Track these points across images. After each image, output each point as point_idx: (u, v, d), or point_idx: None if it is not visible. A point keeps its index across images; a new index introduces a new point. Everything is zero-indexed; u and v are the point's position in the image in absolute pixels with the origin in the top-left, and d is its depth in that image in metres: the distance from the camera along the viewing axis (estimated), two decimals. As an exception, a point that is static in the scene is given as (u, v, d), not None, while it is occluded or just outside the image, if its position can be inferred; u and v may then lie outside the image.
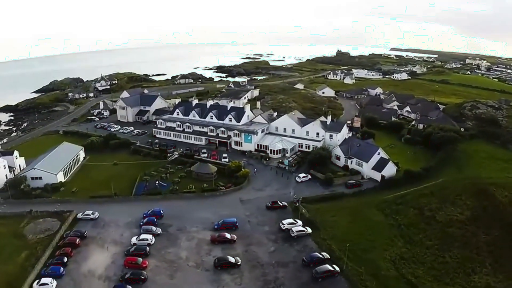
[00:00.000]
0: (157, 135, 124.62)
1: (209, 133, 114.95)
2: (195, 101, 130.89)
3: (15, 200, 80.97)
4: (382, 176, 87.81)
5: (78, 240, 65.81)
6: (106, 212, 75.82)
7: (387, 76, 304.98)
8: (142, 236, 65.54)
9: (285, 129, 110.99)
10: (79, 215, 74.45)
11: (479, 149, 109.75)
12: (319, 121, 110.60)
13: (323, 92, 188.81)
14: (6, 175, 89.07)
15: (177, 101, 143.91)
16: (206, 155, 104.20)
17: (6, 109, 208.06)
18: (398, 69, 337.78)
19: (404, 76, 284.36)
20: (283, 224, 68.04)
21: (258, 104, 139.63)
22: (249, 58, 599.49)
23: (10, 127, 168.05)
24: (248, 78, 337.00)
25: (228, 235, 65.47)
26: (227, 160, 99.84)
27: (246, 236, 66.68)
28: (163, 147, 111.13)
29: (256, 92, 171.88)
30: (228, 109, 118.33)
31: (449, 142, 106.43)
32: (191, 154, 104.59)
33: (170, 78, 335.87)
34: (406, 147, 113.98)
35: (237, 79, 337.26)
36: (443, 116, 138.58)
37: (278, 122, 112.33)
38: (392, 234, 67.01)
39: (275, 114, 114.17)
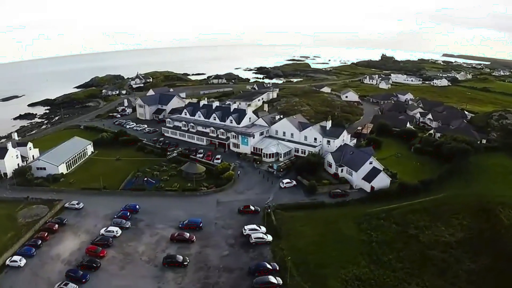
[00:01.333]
0: (165, 134, 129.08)
1: (210, 134, 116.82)
2: (202, 102, 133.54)
3: (19, 187, 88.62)
4: (372, 187, 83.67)
5: (56, 226, 71.40)
6: (90, 203, 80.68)
7: (427, 82, 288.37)
8: (110, 228, 69.19)
9: (284, 132, 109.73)
10: (66, 204, 79.99)
11: (497, 163, 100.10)
12: (319, 126, 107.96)
13: (346, 97, 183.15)
14: (18, 164, 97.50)
15: (195, 100, 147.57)
16: (202, 155, 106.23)
17: (45, 102, 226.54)
18: (440, 75, 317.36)
19: (444, 82, 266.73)
20: (244, 229, 67.53)
21: (265, 106, 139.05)
22: (293, 60, 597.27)
23: (43, 120, 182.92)
24: (284, 80, 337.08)
25: (187, 235, 66.59)
26: (219, 161, 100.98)
27: (206, 238, 67.28)
28: (165, 146, 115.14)
29: (274, 94, 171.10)
30: (231, 110, 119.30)
31: (459, 153, 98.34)
32: (187, 154, 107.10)
33: (206, 78, 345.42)
34: (415, 157, 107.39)
35: (274, 80, 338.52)
36: (466, 126, 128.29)
37: (278, 125, 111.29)
38: (358, 251, 62.97)
39: (277, 117, 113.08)
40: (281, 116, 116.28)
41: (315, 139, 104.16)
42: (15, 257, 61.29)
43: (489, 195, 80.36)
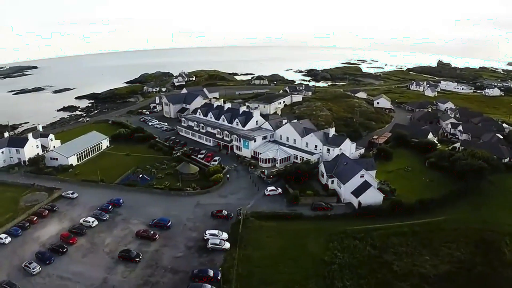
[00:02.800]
0: (180, 133, 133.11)
1: (217, 135, 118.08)
2: (216, 103, 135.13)
3: (32, 174, 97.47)
4: (359, 203, 78.62)
5: (46, 212, 77.94)
6: (84, 194, 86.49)
7: (478, 91, 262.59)
8: (87, 219, 73.79)
9: (287, 138, 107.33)
10: (63, 193, 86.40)
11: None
12: (322, 132, 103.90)
13: (378, 103, 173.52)
14: (38, 153, 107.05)
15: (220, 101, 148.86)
16: (203, 156, 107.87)
17: (90, 96, 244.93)
18: (495, 84, 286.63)
19: (495, 92, 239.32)
20: (205, 234, 67.40)
21: (279, 110, 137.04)
22: (348, 63, 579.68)
23: (82, 113, 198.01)
24: (329, 83, 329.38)
25: (151, 232, 68.52)
26: (216, 163, 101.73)
27: (169, 237, 68.46)
28: (173, 144, 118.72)
29: (299, 98, 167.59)
30: (240, 113, 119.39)
31: (473, 171, 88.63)
32: (190, 154, 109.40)
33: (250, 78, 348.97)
34: (428, 173, 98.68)
35: (321, 83, 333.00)
36: (497, 140, 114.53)
37: (282, 130, 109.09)
38: (313, 272, 58.43)
39: (284, 121, 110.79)
40: (286, 121, 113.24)
41: (316, 146, 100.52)
42: (2, 235, 68.61)
43: (498, 223, 71.82)
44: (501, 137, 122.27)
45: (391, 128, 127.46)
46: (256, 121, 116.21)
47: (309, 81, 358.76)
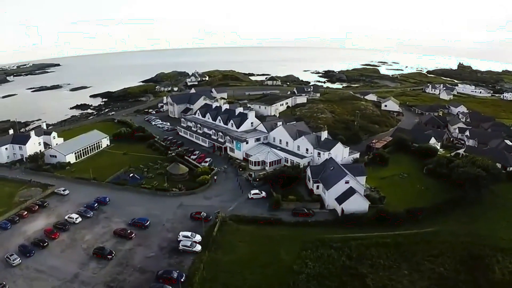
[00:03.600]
0: (179, 133, 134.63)
1: (212, 136, 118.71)
2: (215, 104, 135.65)
3: (30, 170, 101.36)
4: (342, 210, 76.89)
5: (37, 207, 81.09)
6: (76, 191, 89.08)
7: (497, 95, 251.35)
8: (72, 215, 76.28)
9: (280, 140, 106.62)
10: (56, 190, 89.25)
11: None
12: (315, 135, 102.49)
13: (385, 106, 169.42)
14: (40, 150, 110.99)
15: (223, 101, 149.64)
16: (195, 156, 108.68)
17: (104, 95, 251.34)
18: None
19: None
20: (179, 235, 67.95)
21: (277, 112, 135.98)
22: (368, 65, 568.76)
23: (93, 111, 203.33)
24: (344, 85, 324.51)
25: (128, 231, 70.02)
26: (206, 164, 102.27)
27: (145, 237, 69.51)
28: (170, 145, 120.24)
29: (303, 99, 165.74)
30: (236, 114, 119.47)
31: (470, 180, 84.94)
32: (183, 154, 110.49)
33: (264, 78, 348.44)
34: (424, 180, 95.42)
35: (336, 85, 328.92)
36: (504, 147, 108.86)
37: (275, 132, 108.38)
38: (278, 280, 57.10)
39: (279, 123, 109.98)
40: (281, 123, 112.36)
41: (307, 149, 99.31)
42: None
43: (493, 237, 68.42)
44: (510, 143, 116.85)
45: (393, 132, 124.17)
46: (251, 123, 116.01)
47: (324, 82, 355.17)
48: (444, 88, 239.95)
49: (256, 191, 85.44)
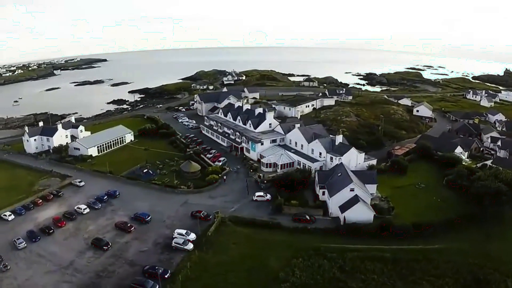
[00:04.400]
0: (202, 131, 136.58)
1: (230, 136, 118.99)
2: (237, 103, 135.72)
3: (54, 161, 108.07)
4: (344, 219, 72.91)
5: (51, 196, 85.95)
6: (90, 183, 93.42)
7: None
8: (80, 206, 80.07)
9: (296, 143, 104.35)
10: (72, 181, 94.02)
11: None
12: (330, 139, 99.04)
13: (417, 111, 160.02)
14: (66, 143, 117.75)
15: (245, 101, 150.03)
16: (211, 155, 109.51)
17: (142, 91, 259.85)
18: None
19: None
20: (174, 232, 68.63)
21: (297, 114, 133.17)
22: (413, 68, 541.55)
23: (128, 107, 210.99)
24: (383, 88, 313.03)
25: (128, 224, 72.17)
26: (220, 163, 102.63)
27: (143, 232, 71.16)
28: (189, 142, 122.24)
29: (331, 101, 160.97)
30: (256, 114, 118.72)
31: (491, 195, 77.69)
32: (200, 152, 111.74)
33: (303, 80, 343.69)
34: (443, 192, 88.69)
35: (375, 88, 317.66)
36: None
37: (291, 134, 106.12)
38: (259, 287, 55.73)
39: (297, 125, 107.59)
40: (298, 125, 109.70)
41: (320, 153, 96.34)
42: (7, 213, 77.81)
43: (507, 260, 61.66)
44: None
45: (417, 139, 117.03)
46: (270, 124, 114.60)
47: (363, 85, 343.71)
48: (486, 94, 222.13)
49: (261, 193, 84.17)
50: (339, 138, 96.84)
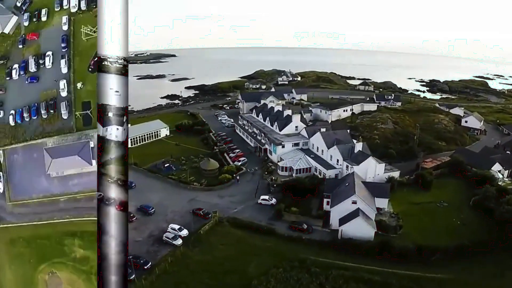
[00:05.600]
0: (235, 130, 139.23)
1: (257, 136, 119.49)
2: (271, 104, 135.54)
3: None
4: (341, 232, 68.89)
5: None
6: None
7: None
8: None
9: (317, 148, 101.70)
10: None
11: None
12: (350, 146, 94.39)
13: (466, 122, 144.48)
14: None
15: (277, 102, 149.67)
16: (234, 155, 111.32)
17: (198, 87, 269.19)
18: None
19: None
20: (168, 227, 71.37)
21: (330, 117, 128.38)
22: (481, 77, 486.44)
23: (179, 102, 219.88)
24: (442, 95, 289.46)
25: (131, 214, 75.52)
26: (239, 163, 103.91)
27: (144, 223, 74.38)
28: (218, 140, 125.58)
29: (372, 107, 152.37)
30: (284, 116, 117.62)
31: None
32: (224, 151, 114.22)
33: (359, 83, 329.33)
34: (468, 213, 79.69)
35: (435, 96, 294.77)
36: None
37: (314, 138, 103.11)
38: None
39: (323, 130, 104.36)
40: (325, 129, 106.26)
41: (338, 160, 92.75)
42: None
43: None
44: None
45: (453, 152, 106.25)
46: (296, 127, 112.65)
47: (423, 91, 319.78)
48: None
49: (266, 197, 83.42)
50: (358, 146, 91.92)
